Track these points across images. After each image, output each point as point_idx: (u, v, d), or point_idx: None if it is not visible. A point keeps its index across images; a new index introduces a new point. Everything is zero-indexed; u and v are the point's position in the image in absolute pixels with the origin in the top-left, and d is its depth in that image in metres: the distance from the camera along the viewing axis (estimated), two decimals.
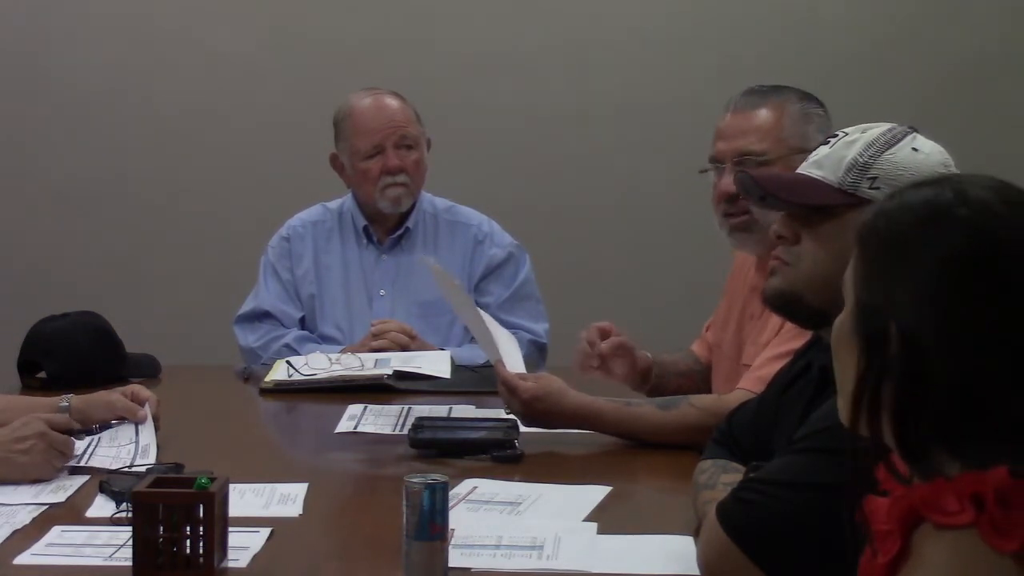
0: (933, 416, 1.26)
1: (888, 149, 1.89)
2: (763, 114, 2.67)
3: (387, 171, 3.48)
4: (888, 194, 1.40)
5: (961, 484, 1.23)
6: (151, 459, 2.43)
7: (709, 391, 2.87)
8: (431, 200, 3.65)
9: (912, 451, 1.28)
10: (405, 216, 3.58)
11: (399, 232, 3.58)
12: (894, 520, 1.26)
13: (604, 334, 2.94)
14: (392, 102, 3.54)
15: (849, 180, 1.89)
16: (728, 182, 2.66)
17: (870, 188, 1.87)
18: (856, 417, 1.32)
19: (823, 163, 1.92)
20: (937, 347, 1.26)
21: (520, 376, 2.63)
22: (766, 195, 1.98)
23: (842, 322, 1.37)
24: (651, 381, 2.97)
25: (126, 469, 2.34)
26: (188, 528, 1.80)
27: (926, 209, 1.32)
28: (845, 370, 1.35)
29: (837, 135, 1.95)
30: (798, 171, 1.98)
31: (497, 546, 1.96)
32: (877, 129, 1.93)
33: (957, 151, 1.93)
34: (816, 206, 1.91)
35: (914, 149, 1.89)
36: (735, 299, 2.88)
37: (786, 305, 1.97)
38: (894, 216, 1.33)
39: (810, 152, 2.58)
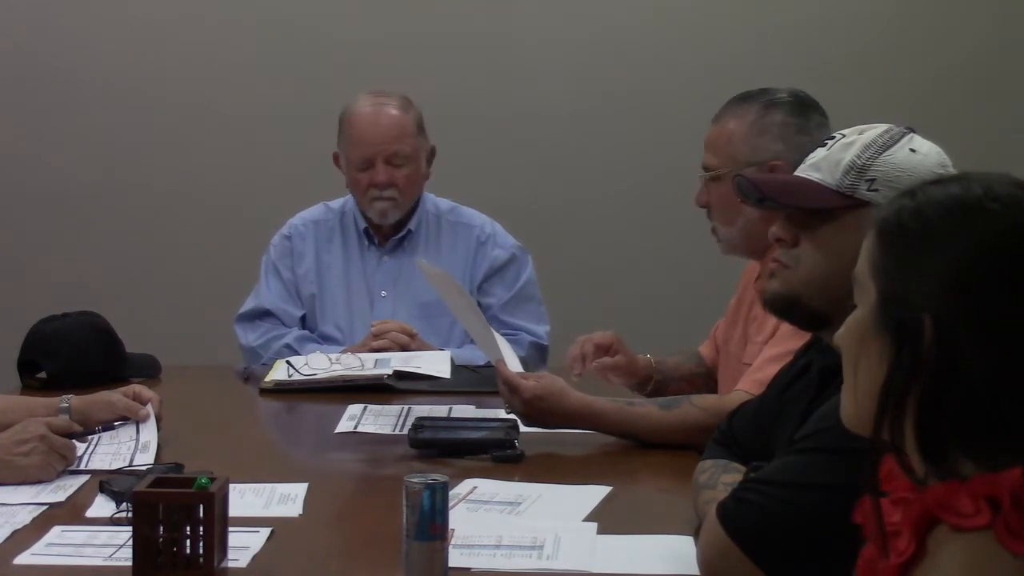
0: (960, 413, 1.25)
1: (886, 150, 1.89)
2: (721, 128, 2.75)
3: (374, 185, 3.47)
4: (905, 191, 1.38)
5: (976, 486, 1.22)
6: (151, 455, 2.43)
7: (713, 393, 2.87)
8: (434, 201, 3.64)
9: (933, 451, 1.27)
10: (407, 218, 3.57)
11: (401, 234, 3.58)
12: (908, 522, 1.26)
13: (602, 350, 2.96)
14: (391, 114, 3.50)
15: (847, 182, 1.89)
16: (699, 194, 2.78)
17: (868, 190, 1.87)
18: (880, 417, 1.30)
19: (820, 165, 1.92)
20: (973, 338, 1.25)
21: (522, 375, 2.63)
22: (764, 198, 1.98)
23: (860, 320, 1.35)
24: (650, 387, 2.98)
25: (126, 468, 2.35)
26: (188, 528, 1.80)
27: (956, 203, 1.32)
28: (867, 370, 1.33)
29: (834, 136, 1.95)
30: (796, 173, 1.98)
31: (497, 546, 1.96)
32: (874, 130, 1.92)
33: (956, 152, 1.93)
34: (814, 209, 1.91)
35: (912, 150, 1.89)
36: (744, 297, 2.89)
37: (785, 308, 1.97)
38: (922, 210, 1.33)
39: (759, 164, 2.65)
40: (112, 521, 2.05)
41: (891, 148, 1.89)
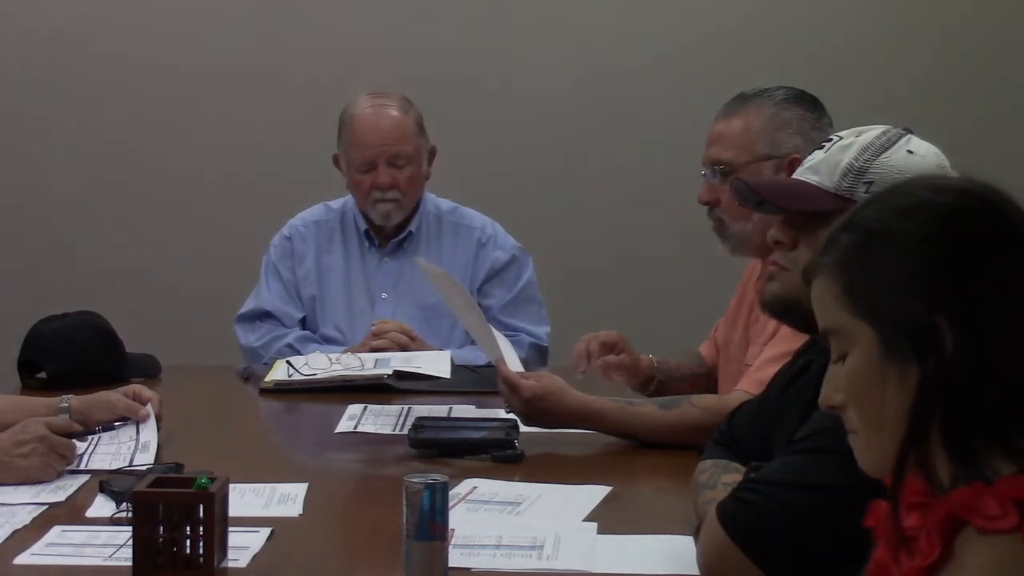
0: (995, 399, 1.25)
1: (883, 152, 1.89)
2: (734, 123, 2.71)
3: (377, 187, 3.47)
4: (837, 229, 1.37)
5: (1003, 488, 1.22)
6: (151, 455, 2.43)
7: (714, 393, 2.86)
8: (435, 201, 3.64)
9: (965, 451, 1.27)
10: (408, 220, 3.57)
11: (402, 236, 3.57)
12: (934, 524, 1.25)
13: (607, 348, 2.95)
14: (392, 115, 3.50)
15: (845, 185, 1.88)
16: (702, 191, 2.74)
17: (866, 193, 1.86)
18: (913, 436, 1.27)
19: (819, 168, 1.92)
20: (989, 317, 1.26)
21: (522, 375, 2.63)
22: (762, 201, 1.98)
23: (860, 364, 1.32)
24: (652, 387, 2.97)
25: (126, 468, 2.35)
26: (188, 528, 1.80)
27: (908, 208, 1.32)
28: (888, 404, 1.30)
29: (832, 139, 1.95)
30: (794, 176, 1.99)
31: (497, 546, 1.96)
32: (872, 132, 1.92)
33: (956, 152, 1.93)
34: (812, 212, 1.91)
35: (909, 151, 1.89)
36: (744, 298, 2.89)
37: (784, 310, 1.97)
38: (879, 231, 1.32)
39: (780, 158, 2.64)
40: (112, 521, 2.06)
41: (889, 150, 1.89)
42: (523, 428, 2.57)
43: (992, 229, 1.29)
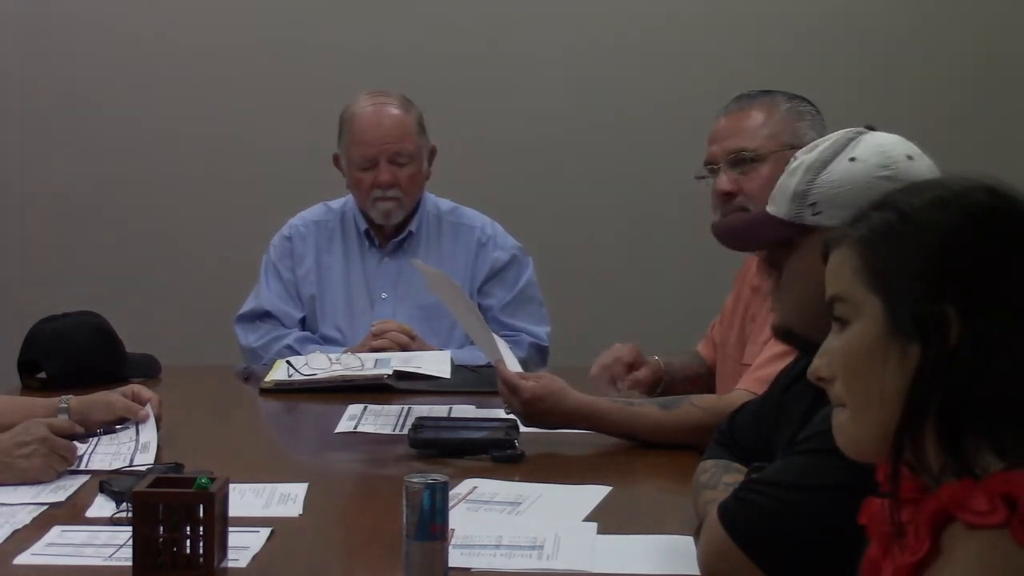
0: (991, 398, 1.26)
1: (823, 170, 1.86)
2: (753, 114, 2.71)
3: (378, 185, 3.47)
4: (871, 205, 1.38)
5: (992, 484, 1.22)
6: (151, 455, 2.43)
7: (714, 392, 2.86)
8: (435, 202, 3.64)
9: (957, 445, 1.27)
10: (408, 220, 3.57)
11: (402, 236, 3.57)
12: (924, 520, 1.26)
13: (630, 368, 2.93)
14: (393, 113, 3.50)
15: (794, 211, 1.87)
16: (723, 181, 2.71)
17: (813, 215, 1.85)
18: (909, 421, 1.28)
19: (776, 197, 1.92)
20: (997, 316, 1.27)
21: (521, 376, 2.63)
22: (734, 242, 2.03)
23: (861, 338, 1.33)
24: (660, 389, 2.96)
25: (126, 468, 2.35)
26: (188, 528, 1.80)
27: (939, 198, 1.33)
28: (884, 382, 1.30)
29: (791, 161, 1.94)
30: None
31: (497, 546, 1.96)
32: (821, 146, 1.89)
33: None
34: (776, 242, 1.91)
35: (851, 159, 1.85)
36: (740, 297, 2.88)
37: (784, 338, 1.98)
38: (908, 213, 1.33)
39: (802, 147, 2.63)
40: (112, 521, 2.06)
41: (830, 164, 1.85)
42: (523, 428, 2.57)
43: (1018, 231, 1.30)
